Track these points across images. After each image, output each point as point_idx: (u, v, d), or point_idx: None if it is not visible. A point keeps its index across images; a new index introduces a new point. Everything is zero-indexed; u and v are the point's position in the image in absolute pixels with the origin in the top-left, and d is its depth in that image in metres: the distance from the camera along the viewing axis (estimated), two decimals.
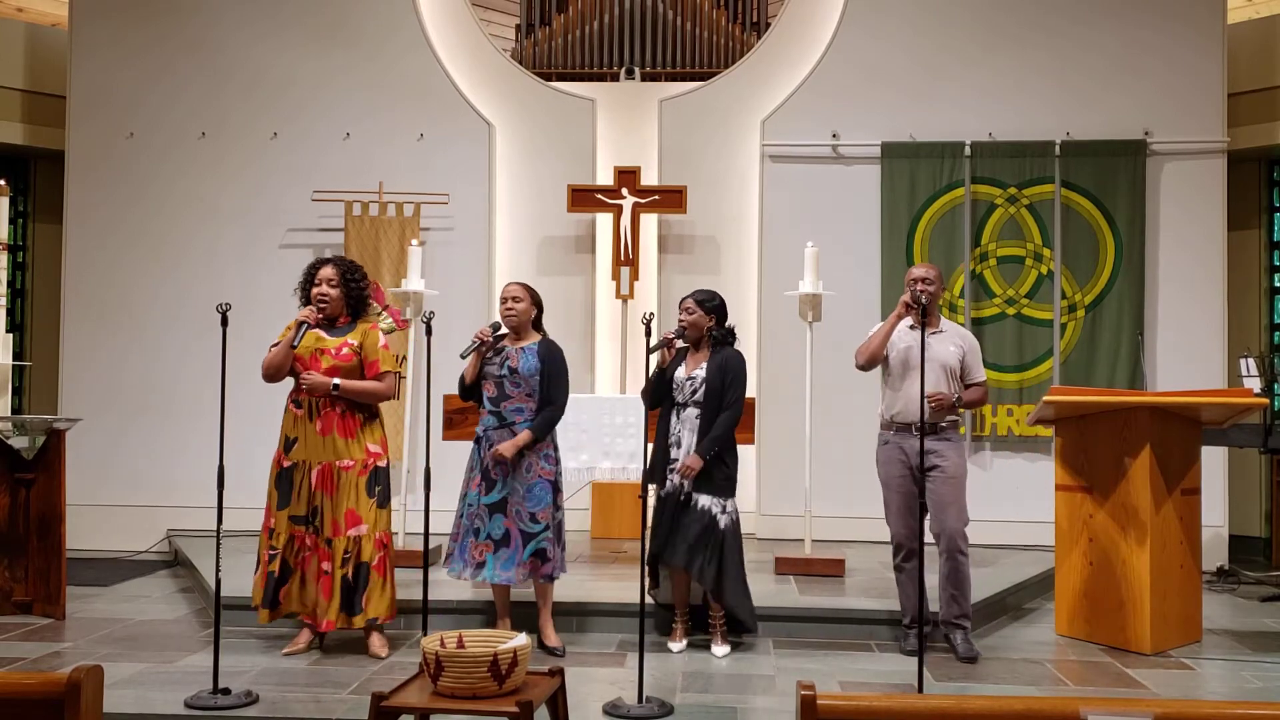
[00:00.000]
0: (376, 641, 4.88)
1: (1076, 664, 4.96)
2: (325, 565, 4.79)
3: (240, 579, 5.72)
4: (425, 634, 3.84)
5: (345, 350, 4.85)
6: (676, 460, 4.97)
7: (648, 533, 4.60)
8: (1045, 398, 5.29)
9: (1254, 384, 6.41)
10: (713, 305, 5.07)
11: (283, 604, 4.87)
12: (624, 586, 5.59)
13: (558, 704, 3.38)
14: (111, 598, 6.18)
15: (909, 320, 5.02)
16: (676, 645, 5.06)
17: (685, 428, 4.99)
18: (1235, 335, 7.86)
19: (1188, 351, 7.54)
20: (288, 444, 4.88)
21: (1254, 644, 5.35)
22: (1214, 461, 7.14)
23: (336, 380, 4.79)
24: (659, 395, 5.05)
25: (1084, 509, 5.35)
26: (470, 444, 6.14)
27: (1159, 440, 5.14)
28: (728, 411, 4.92)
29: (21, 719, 2.31)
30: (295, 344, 4.79)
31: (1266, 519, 8.23)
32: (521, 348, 4.96)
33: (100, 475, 7.70)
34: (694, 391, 4.98)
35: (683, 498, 4.94)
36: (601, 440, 6.52)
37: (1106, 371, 7.53)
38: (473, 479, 4.97)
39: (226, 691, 4.17)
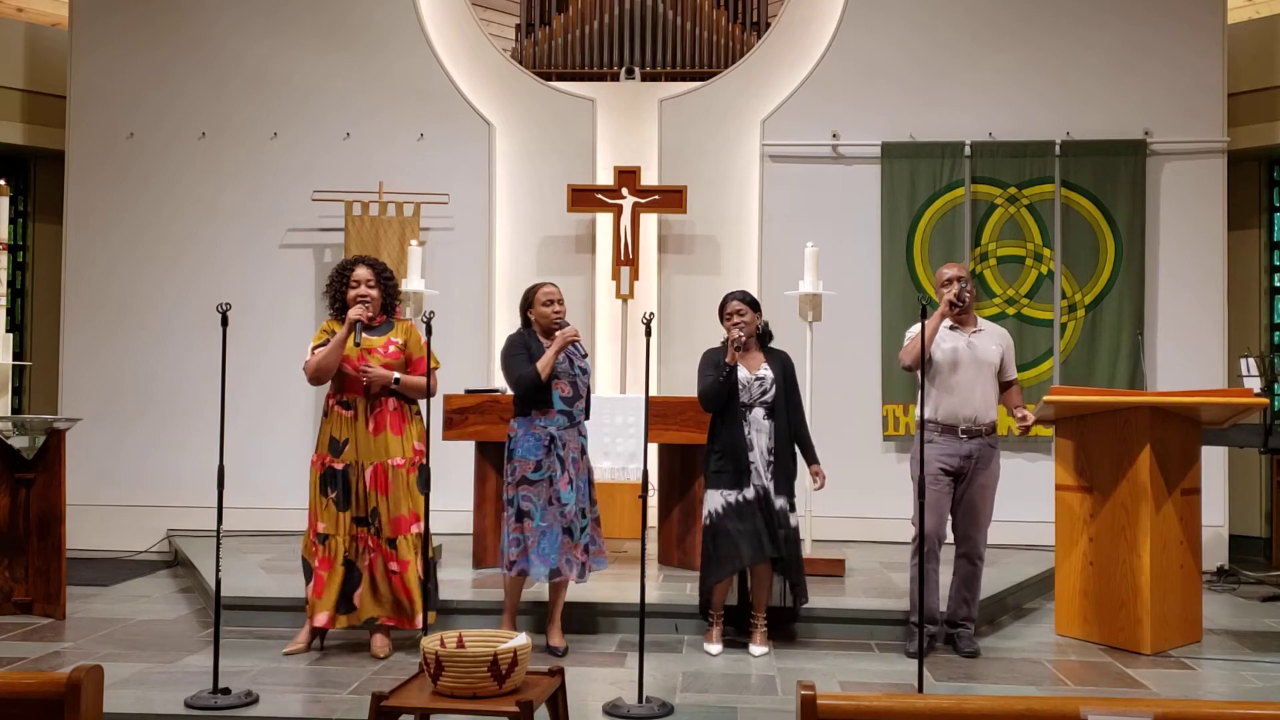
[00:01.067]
0: (378, 641, 4.87)
1: (1076, 664, 4.96)
2: (393, 565, 4.79)
3: (240, 579, 5.73)
4: (425, 634, 3.84)
5: (392, 349, 4.89)
6: (754, 463, 4.96)
7: (648, 532, 4.60)
8: (1045, 398, 5.29)
9: (1254, 384, 6.41)
10: (755, 302, 5.14)
11: (359, 609, 4.83)
12: (624, 586, 5.59)
13: (558, 704, 3.38)
14: (111, 598, 6.18)
15: (948, 321, 5.07)
16: (715, 647, 5.02)
17: (754, 429, 4.98)
18: (1235, 335, 7.86)
19: (1188, 351, 7.54)
20: (335, 445, 4.85)
21: (1254, 644, 5.35)
22: (1214, 461, 7.14)
23: (397, 374, 4.81)
24: (724, 398, 5.02)
25: (1084, 509, 5.35)
26: (469, 444, 6.15)
27: (1159, 440, 5.14)
28: (799, 413, 5.11)
29: (21, 719, 2.31)
30: (358, 342, 4.79)
31: (1266, 519, 8.23)
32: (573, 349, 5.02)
33: (100, 475, 7.70)
34: (763, 392, 4.99)
35: (768, 500, 4.95)
36: (601, 440, 6.51)
37: (1106, 371, 7.53)
38: (561, 478, 4.86)
39: (226, 691, 4.17)
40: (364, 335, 4.86)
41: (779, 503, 4.97)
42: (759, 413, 4.99)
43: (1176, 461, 5.24)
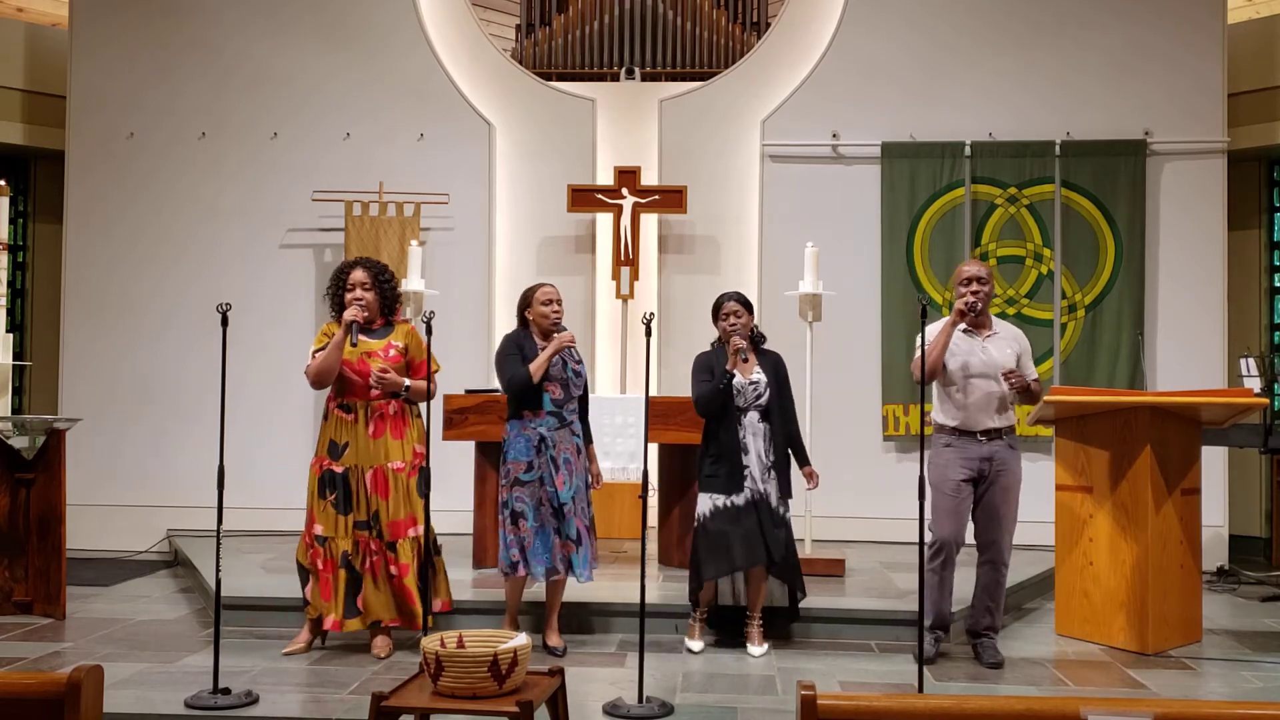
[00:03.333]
0: (378, 641, 4.88)
1: (1076, 664, 4.96)
2: (393, 569, 4.79)
3: (240, 579, 5.73)
4: (425, 634, 3.84)
5: (393, 352, 4.87)
6: (749, 467, 4.94)
7: (648, 532, 4.61)
8: (1045, 398, 5.27)
9: (1254, 384, 6.41)
10: (749, 304, 5.12)
11: (365, 612, 4.83)
12: (624, 586, 5.59)
13: (558, 704, 3.38)
14: (111, 598, 6.18)
15: (962, 324, 4.92)
16: (697, 645, 5.04)
17: (749, 433, 4.97)
18: (1235, 335, 7.86)
19: (1188, 351, 7.54)
20: (335, 449, 4.84)
21: (1254, 644, 5.35)
22: (1214, 461, 7.14)
23: (407, 381, 4.81)
24: (720, 404, 4.99)
25: (1084, 509, 5.35)
26: (469, 444, 6.14)
27: (1159, 440, 5.14)
28: (792, 414, 5.09)
29: (21, 719, 2.31)
30: (354, 343, 4.76)
31: (1266, 519, 8.23)
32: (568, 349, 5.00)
33: (100, 475, 7.70)
34: (757, 396, 4.98)
35: (771, 504, 4.94)
36: (601, 440, 6.50)
37: (1106, 371, 7.53)
38: (556, 477, 4.85)
39: (226, 691, 4.17)
40: (362, 338, 4.85)
41: (778, 506, 4.97)
42: (754, 416, 4.99)
43: (1176, 461, 5.23)
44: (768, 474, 4.96)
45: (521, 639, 3.26)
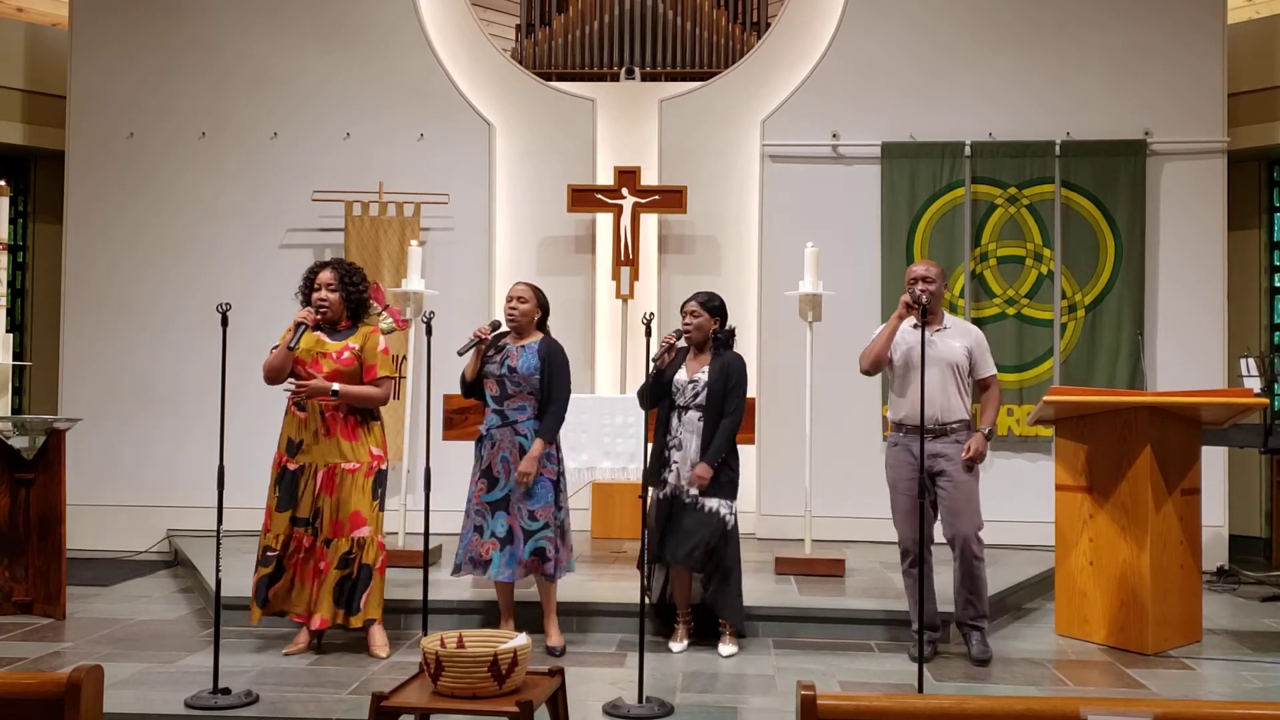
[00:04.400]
0: (377, 641, 4.88)
1: (1076, 664, 4.96)
2: (321, 565, 4.81)
3: (240, 579, 5.71)
4: (425, 634, 3.84)
5: (346, 354, 4.87)
6: (676, 463, 4.98)
7: (647, 534, 4.61)
8: (1045, 398, 5.29)
9: (1254, 384, 6.41)
10: (715, 307, 5.08)
11: (271, 602, 4.88)
12: (624, 586, 5.59)
13: (558, 704, 3.38)
14: (111, 598, 6.18)
15: (912, 320, 4.89)
16: (678, 645, 5.06)
17: (686, 430, 4.98)
18: (1235, 335, 7.86)
19: (1188, 351, 7.54)
20: (291, 446, 4.88)
21: (1254, 644, 5.35)
22: (1214, 461, 7.14)
23: (336, 386, 4.80)
24: (657, 396, 5.04)
25: (1084, 509, 5.35)
26: (469, 444, 6.14)
27: (1159, 440, 5.14)
28: (730, 418, 4.93)
29: (21, 719, 2.31)
30: (293, 345, 4.79)
31: (1266, 519, 8.23)
32: (522, 346, 4.97)
33: (100, 475, 7.70)
34: (695, 395, 4.98)
35: (688, 500, 4.94)
36: (601, 440, 6.52)
37: (1106, 371, 7.53)
38: (475, 477, 4.97)
39: (226, 691, 4.17)
40: (323, 339, 4.88)
41: (709, 504, 4.92)
42: (693, 415, 4.98)
43: (1176, 461, 5.24)
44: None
45: (521, 639, 3.26)
